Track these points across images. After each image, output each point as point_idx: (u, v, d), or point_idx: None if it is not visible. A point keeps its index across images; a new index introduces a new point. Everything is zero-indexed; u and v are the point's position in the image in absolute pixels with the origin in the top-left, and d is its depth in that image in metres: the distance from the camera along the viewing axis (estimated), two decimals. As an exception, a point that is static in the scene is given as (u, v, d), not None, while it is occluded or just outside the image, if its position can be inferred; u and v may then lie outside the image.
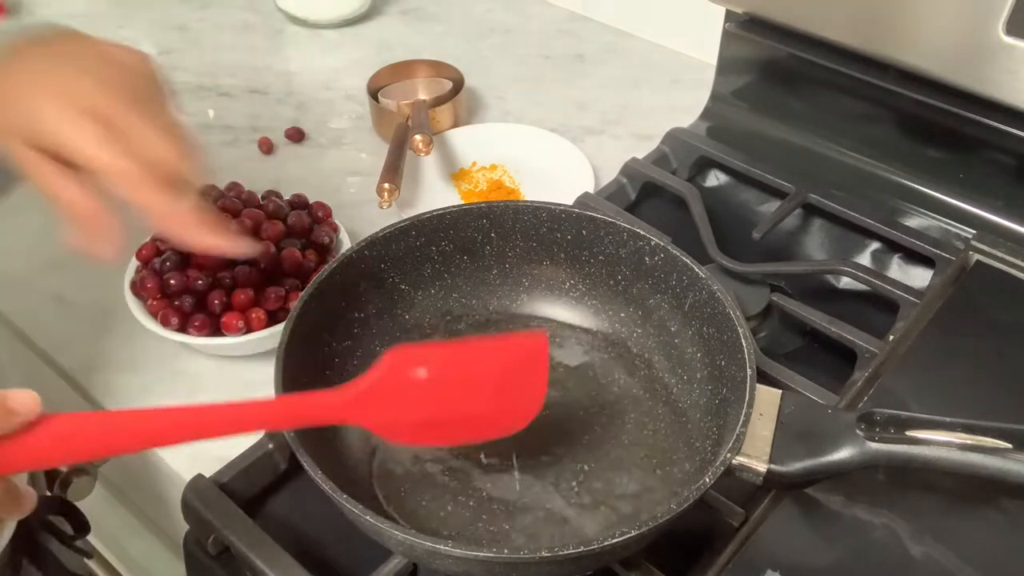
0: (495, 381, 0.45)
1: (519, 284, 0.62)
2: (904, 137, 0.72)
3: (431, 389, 0.44)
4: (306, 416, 0.45)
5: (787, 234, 0.73)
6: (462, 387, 0.45)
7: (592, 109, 0.91)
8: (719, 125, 0.82)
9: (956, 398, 0.54)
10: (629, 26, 1.03)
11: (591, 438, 0.55)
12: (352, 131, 0.89)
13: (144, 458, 0.63)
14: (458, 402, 0.45)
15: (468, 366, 0.45)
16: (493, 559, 0.41)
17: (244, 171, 0.82)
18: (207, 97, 0.94)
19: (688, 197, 0.72)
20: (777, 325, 0.65)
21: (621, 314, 0.61)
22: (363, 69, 0.92)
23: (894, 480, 0.49)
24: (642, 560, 0.47)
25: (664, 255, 0.56)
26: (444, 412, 0.45)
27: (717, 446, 0.49)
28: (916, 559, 0.46)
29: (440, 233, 0.59)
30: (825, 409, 0.50)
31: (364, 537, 0.46)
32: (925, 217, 0.71)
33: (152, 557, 0.86)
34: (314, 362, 0.54)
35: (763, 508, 0.49)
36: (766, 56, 0.77)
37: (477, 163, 0.84)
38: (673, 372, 0.58)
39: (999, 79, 0.60)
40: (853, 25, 0.66)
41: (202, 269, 0.63)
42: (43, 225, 0.78)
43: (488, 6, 1.10)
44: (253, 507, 0.54)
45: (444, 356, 0.45)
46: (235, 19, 1.07)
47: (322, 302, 0.54)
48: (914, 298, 0.62)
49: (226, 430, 0.42)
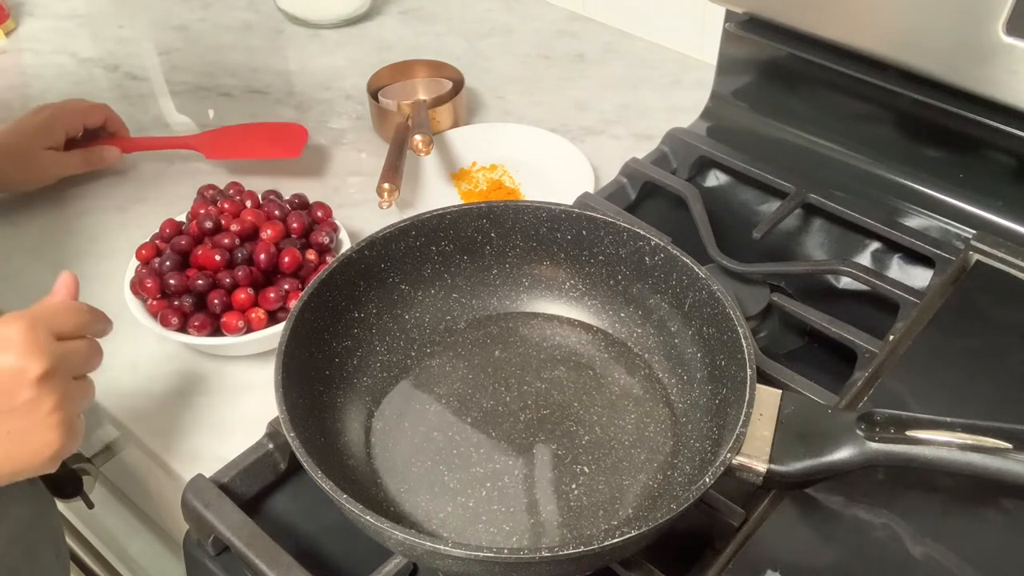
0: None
1: (519, 284, 0.62)
2: (904, 137, 0.72)
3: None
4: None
5: (787, 234, 0.73)
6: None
7: (592, 109, 0.91)
8: (719, 125, 0.82)
9: (956, 398, 0.54)
10: (629, 26, 1.03)
11: (591, 438, 0.55)
12: (352, 131, 0.89)
13: (144, 458, 0.63)
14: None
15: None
16: (493, 559, 0.41)
17: (244, 171, 0.83)
18: (207, 97, 0.94)
19: (688, 197, 0.72)
20: (777, 325, 0.65)
21: (621, 314, 0.61)
22: (363, 69, 0.93)
23: (894, 480, 0.49)
24: (642, 560, 0.47)
25: (664, 255, 0.56)
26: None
27: (717, 446, 0.49)
28: (916, 559, 0.46)
29: (440, 233, 0.59)
30: (825, 409, 0.50)
31: (364, 537, 0.46)
32: (925, 217, 0.71)
33: (152, 557, 0.86)
34: (314, 362, 0.54)
35: (763, 508, 0.49)
36: (766, 56, 0.77)
37: (477, 163, 0.84)
38: (673, 372, 0.58)
39: (999, 79, 0.60)
40: (853, 25, 0.66)
41: (202, 269, 0.63)
42: (43, 225, 0.78)
43: (488, 6, 1.10)
44: (253, 507, 0.54)
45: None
46: (235, 19, 1.08)
47: (322, 302, 0.54)
48: (914, 298, 0.62)
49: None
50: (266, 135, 0.85)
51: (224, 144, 0.84)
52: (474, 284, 0.62)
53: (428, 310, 0.61)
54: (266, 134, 0.85)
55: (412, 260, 0.59)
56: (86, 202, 0.80)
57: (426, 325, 0.61)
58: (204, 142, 0.84)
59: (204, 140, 0.84)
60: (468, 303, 0.62)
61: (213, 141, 0.84)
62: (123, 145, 0.83)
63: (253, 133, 0.85)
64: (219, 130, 0.86)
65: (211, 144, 0.84)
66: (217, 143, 0.84)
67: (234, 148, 0.84)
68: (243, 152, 0.84)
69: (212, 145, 0.84)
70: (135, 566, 0.94)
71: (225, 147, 0.84)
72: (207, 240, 0.65)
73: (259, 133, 0.85)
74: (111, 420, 0.62)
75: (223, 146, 0.84)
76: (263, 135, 0.85)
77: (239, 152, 0.84)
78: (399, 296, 0.60)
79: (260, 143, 0.84)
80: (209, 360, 0.65)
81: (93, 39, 1.03)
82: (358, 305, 0.58)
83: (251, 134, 0.85)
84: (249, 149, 0.84)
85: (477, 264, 0.61)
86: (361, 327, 0.58)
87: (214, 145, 0.84)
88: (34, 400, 0.44)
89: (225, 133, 0.85)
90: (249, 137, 0.85)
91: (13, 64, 0.99)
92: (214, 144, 0.84)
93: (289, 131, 0.84)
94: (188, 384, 0.64)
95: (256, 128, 0.86)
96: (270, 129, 0.86)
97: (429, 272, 0.60)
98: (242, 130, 0.86)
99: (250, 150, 0.84)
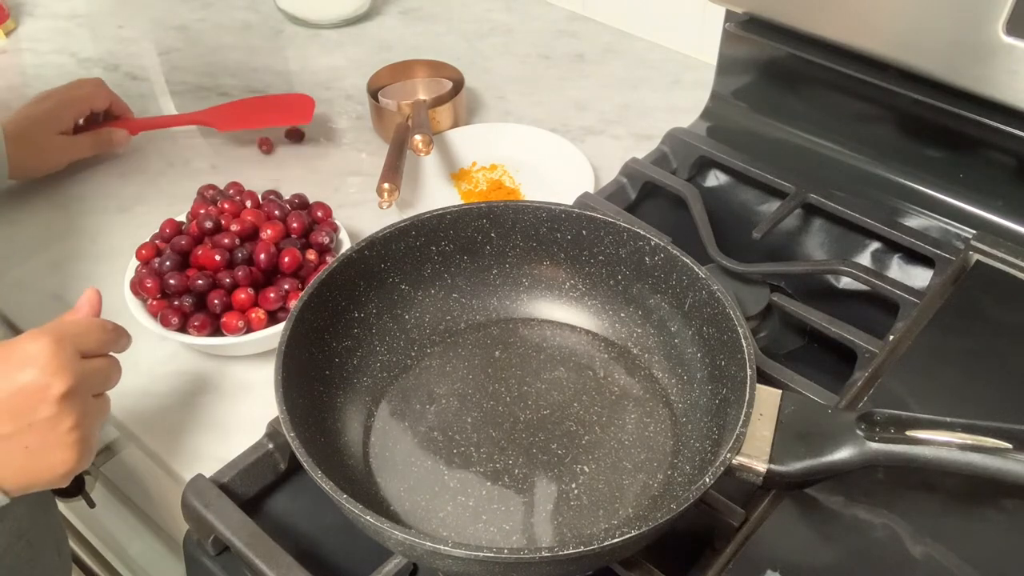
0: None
1: (519, 284, 0.62)
2: (904, 137, 0.72)
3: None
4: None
5: (787, 234, 0.73)
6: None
7: (592, 109, 0.91)
8: (719, 125, 0.82)
9: (956, 398, 0.54)
10: (629, 26, 1.03)
11: (591, 438, 0.55)
12: (352, 131, 0.89)
13: (144, 458, 0.63)
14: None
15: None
16: (493, 559, 0.41)
17: (244, 171, 0.83)
18: (207, 97, 0.94)
19: (688, 197, 0.72)
20: (777, 325, 0.65)
21: (621, 314, 0.61)
22: (363, 69, 0.93)
23: (894, 480, 0.49)
24: (642, 560, 0.47)
25: (664, 255, 0.56)
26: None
27: (717, 446, 0.49)
28: (916, 559, 0.46)
29: (440, 233, 0.59)
30: (825, 409, 0.50)
31: (364, 537, 0.46)
32: (925, 217, 0.71)
33: (152, 557, 0.86)
34: (314, 362, 0.54)
35: (763, 508, 0.49)
36: (766, 56, 0.77)
37: (477, 163, 0.84)
38: (673, 372, 0.58)
39: (999, 79, 0.60)
40: (853, 25, 0.66)
41: (202, 269, 0.63)
42: (44, 225, 0.78)
43: (488, 6, 1.10)
44: (253, 507, 0.54)
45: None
46: (235, 19, 1.08)
47: (322, 302, 0.54)
48: (914, 298, 0.62)
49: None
50: (275, 105, 0.88)
51: (235, 116, 0.86)
52: (474, 284, 0.62)
53: (428, 310, 0.61)
54: (275, 104, 0.89)
55: (412, 260, 0.59)
56: (86, 202, 0.80)
57: (426, 325, 0.61)
58: (214, 116, 0.86)
59: (214, 114, 0.87)
60: (468, 303, 0.62)
61: (224, 114, 0.86)
62: (131, 127, 0.84)
63: (262, 104, 0.88)
64: (228, 104, 0.88)
65: (222, 117, 0.86)
66: (228, 116, 0.86)
67: (245, 119, 0.86)
68: (255, 122, 0.86)
69: (223, 118, 0.86)
70: (135, 566, 0.94)
71: (236, 118, 0.86)
72: (207, 240, 0.65)
73: (268, 104, 0.89)
74: (111, 420, 0.62)
75: (234, 118, 0.86)
76: (272, 105, 0.88)
77: (251, 122, 0.86)
78: (399, 296, 0.60)
79: (270, 112, 0.87)
80: (209, 360, 0.65)
81: (93, 39, 1.03)
82: (358, 305, 0.58)
83: (260, 105, 0.88)
84: (260, 118, 0.86)
85: (477, 264, 0.61)
86: (361, 327, 0.58)
87: (225, 118, 0.86)
88: (54, 417, 0.45)
89: (233, 107, 0.88)
90: (259, 108, 0.88)
91: (13, 64, 0.99)
92: (225, 117, 0.86)
93: (297, 100, 0.87)
94: (188, 384, 0.64)
95: (264, 100, 0.90)
96: (278, 100, 0.90)
97: (429, 272, 0.60)
98: (251, 102, 0.89)
99: (261, 119, 0.86)
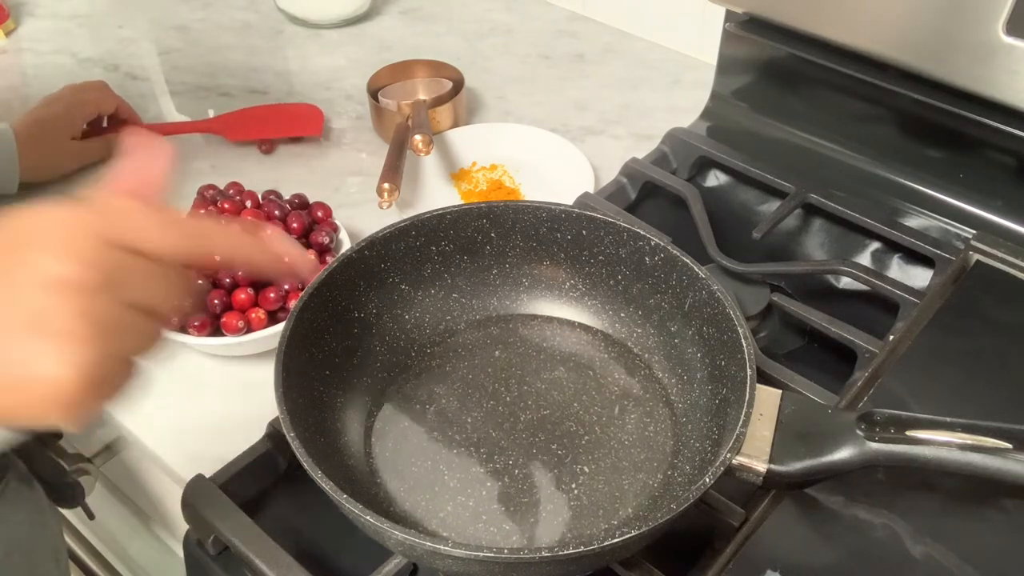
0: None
1: (519, 284, 0.62)
2: (904, 137, 0.72)
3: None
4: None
5: (787, 234, 0.73)
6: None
7: (592, 109, 0.91)
8: (719, 125, 0.82)
9: (956, 398, 0.54)
10: (629, 26, 1.03)
11: (591, 438, 0.55)
12: (352, 131, 0.89)
13: (144, 458, 0.63)
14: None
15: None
16: (493, 559, 0.41)
17: (244, 171, 0.83)
18: (207, 97, 0.94)
19: (688, 197, 0.72)
20: (777, 325, 0.65)
21: (621, 314, 0.61)
22: (363, 69, 0.93)
23: (894, 480, 0.49)
24: (642, 560, 0.47)
25: (664, 255, 0.56)
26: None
27: (717, 446, 0.49)
28: (916, 559, 0.46)
29: (440, 233, 0.59)
30: (825, 409, 0.50)
31: (364, 537, 0.46)
32: (925, 217, 0.71)
33: (152, 557, 0.87)
34: (314, 362, 0.54)
35: (763, 508, 0.49)
36: (766, 56, 0.77)
37: (477, 163, 0.84)
38: (673, 372, 0.58)
39: (999, 79, 0.60)
40: (852, 25, 0.66)
41: (202, 269, 0.63)
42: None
43: (488, 6, 1.10)
44: (253, 507, 0.54)
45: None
46: (235, 19, 1.08)
47: (322, 302, 0.54)
48: (914, 298, 0.62)
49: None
50: (284, 114, 0.88)
51: (245, 125, 0.86)
52: (474, 284, 0.62)
53: (428, 310, 0.61)
54: (284, 113, 0.89)
55: (412, 260, 0.59)
56: (86, 202, 0.80)
57: (426, 325, 0.61)
58: (225, 124, 0.87)
59: (224, 122, 0.87)
60: (468, 303, 0.62)
61: (234, 123, 0.87)
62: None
63: (272, 114, 0.88)
64: (237, 112, 0.88)
65: (232, 126, 0.86)
66: (238, 125, 0.87)
67: (257, 129, 0.86)
68: (266, 132, 0.86)
69: (233, 127, 0.86)
70: (135, 566, 0.94)
71: (247, 128, 0.86)
72: (207, 240, 0.65)
73: (278, 114, 0.89)
74: (111, 420, 0.62)
75: (245, 127, 0.86)
76: (282, 115, 0.88)
77: (262, 132, 0.86)
78: (399, 296, 0.60)
79: (281, 122, 0.87)
80: (209, 360, 0.65)
81: (93, 39, 1.03)
82: (358, 305, 0.58)
83: (270, 115, 0.88)
84: (272, 128, 0.86)
85: (477, 264, 0.61)
86: (361, 327, 0.58)
87: (235, 127, 0.86)
88: (49, 309, 0.32)
89: (243, 115, 0.88)
90: (270, 118, 0.88)
91: (13, 64, 0.99)
92: (235, 126, 0.86)
93: (307, 111, 0.88)
94: (188, 384, 0.64)
95: (274, 109, 0.89)
96: (287, 110, 0.89)
97: (429, 272, 0.60)
98: (262, 111, 0.89)
99: (273, 129, 0.86)
